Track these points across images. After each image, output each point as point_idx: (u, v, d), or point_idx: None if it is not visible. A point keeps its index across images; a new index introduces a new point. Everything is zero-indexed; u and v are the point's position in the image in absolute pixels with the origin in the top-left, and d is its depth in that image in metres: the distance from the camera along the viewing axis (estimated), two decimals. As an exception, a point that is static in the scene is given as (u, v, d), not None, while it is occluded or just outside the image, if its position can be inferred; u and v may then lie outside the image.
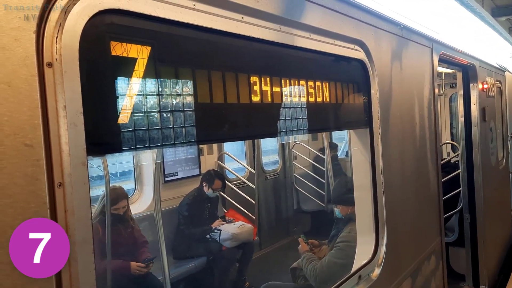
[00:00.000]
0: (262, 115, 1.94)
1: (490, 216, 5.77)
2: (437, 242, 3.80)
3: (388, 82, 2.97)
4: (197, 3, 1.53)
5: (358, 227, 2.95)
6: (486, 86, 5.79)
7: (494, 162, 6.39)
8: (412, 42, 3.46)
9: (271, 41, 1.93)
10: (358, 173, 2.90)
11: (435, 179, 3.83)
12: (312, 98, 2.23)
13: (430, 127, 3.74)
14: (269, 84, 1.92)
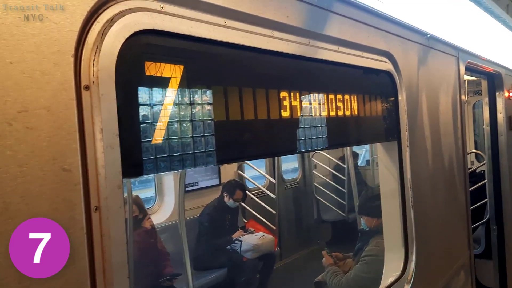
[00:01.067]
0: (294, 130, 1.91)
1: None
2: (466, 256, 3.70)
3: (415, 93, 2.91)
4: (228, 20, 1.51)
5: (386, 241, 2.89)
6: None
7: (521, 172, 6.23)
8: (438, 52, 3.40)
9: (301, 55, 1.90)
10: (386, 187, 2.84)
11: (463, 190, 3.74)
12: (340, 112, 2.19)
13: (457, 136, 3.65)
14: (299, 99, 1.89)
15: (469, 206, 3.87)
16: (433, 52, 3.30)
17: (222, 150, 1.49)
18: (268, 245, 5.36)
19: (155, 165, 1.25)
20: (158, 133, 1.26)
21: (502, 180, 5.30)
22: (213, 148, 1.44)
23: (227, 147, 1.50)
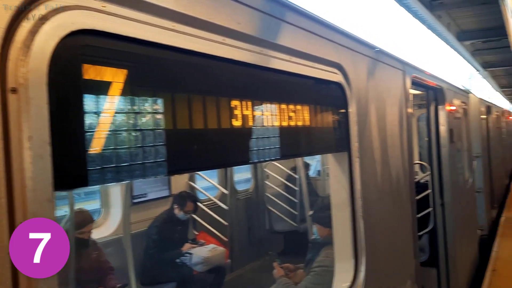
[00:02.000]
0: (245, 140, 1.85)
1: (459, 235, 5.86)
2: (412, 265, 3.78)
3: (364, 105, 2.96)
4: (177, 24, 1.44)
5: (336, 251, 2.88)
6: (453, 107, 5.94)
7: (461, 182, 6.53)
8: (386, 65, 3.49)
9: (253, 63, 1.86)
10: (336, 197, 2.85)
11: (409, 200, 3.84)
12: (292, 122, 2.17)
13: (403, 148, 3.75)
14: (251, 108, 1.84)
15: (415, 216, 3.98)
16: (381, 65, 3.38)
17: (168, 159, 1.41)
18: (219, 257, 5.26)
19: (90, 177, 1.15)
20: (96, 142, 1.16)
21: (445, 190, 5.53)
22: (155, 158, 1.35)
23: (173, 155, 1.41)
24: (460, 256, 5.89)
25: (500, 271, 7.00)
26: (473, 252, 7.47)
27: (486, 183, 10.15)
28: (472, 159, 8.04)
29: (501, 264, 7.37)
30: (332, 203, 2.90)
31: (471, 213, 7.45)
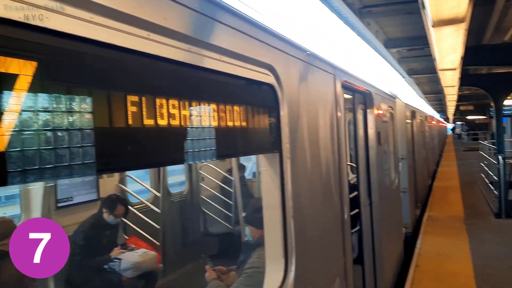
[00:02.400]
0: (171, 140, 1.79)
1: (386, 234, 6.15)
2: (341, 263, 3.89)
3: (296, 107, 2.99)
4: (95, 15, 1.35)
5: (267, 252, 2.89)
6: (381, 111, 6.23)
7: (388, 183, 6.86)
8: (317, 69, 3.56)
9: (180, 61, 1.80)
10: (268, 198, 2.86)
11: (339, 201, 3.95)
12: (223, 122, 2.14)
13: (334, 149, 3.86)
14: (178, 107, 1.78)
15: (344, 215, 4.10)
16: (313, 68, 3.45)
17: (87, 159, 1.32)
18: (150, 262, 5.09)
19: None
20: (7, 140, 1.05)
21: (373, 190, 5.77)
22: (77, 157, 1.26)
23: (93, 155, 1.33)
24: (386, 254, 6.18)
25: (422, 267, 7.45)
26: (399, 249, 7.88)
27: (411, 184, 10.77)
28: (398, 161, 8.48)
29: (423, 260, 7.85)
30: (263, 204, 2.91)
31: (396, 212, 7.85)
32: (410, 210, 10.19)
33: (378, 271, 5.73)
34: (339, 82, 4.11)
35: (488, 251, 8.07)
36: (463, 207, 12.33)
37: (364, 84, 5.36)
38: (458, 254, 7.95)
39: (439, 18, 3.12)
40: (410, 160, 11.11)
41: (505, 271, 7.02)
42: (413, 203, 11.26)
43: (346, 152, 5.03)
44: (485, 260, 7.55)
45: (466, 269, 7.17)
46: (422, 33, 5.14)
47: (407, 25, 6.97)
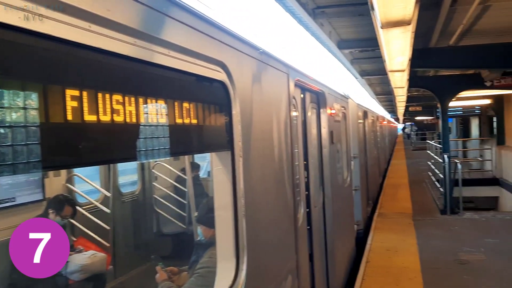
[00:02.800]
0: (114, 137, 1.72)
1: (338, 231, 6.27)
2: (293, 261, 3.92)
3: (249, 105, 2.98)
4: (30, 3, 1.27)
5: (218, 252, 2.86)
6: (333, 111, 6.34)
7: (340, 181, 7.01)
8: (270, 67, 3.56)
9: (126, 55, 1.73)
10: (219, 197, 2.82)
11: (292, 200, 3.97)
12: (171, 119, 2.08)
13: (288, 148, 3.88)
14: (123, 102, 1.71)
15: (297, 213, 4.14)
16: (266, 67, 3.44)
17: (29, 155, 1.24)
18: (99, 264, 4.91)
19: None
20: None
21: (326, 188, 5.87)
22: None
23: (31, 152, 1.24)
24: (338, 250, 6.31)
25: (372, 262, 7.67)
26: (351, 246, 8.07)
27: (363, 182, 11.07)
28: (350, 160, 8.69)
29: (374, 255, 8.09)
30: (215, 203, 2.87)
31: (349, 210, 8.04)
32: (362, 207, 10.48)
33: (330, 268, 5.83)
34: (292, 81, 4.13)
35: (434, 246, 8.44)
36: (411, 204, 12.84)
37: (317, 83, 5.43)
38: (406, 249, 8.26)
39: (387, 19, 3.21)
40: (362, 159, 11.41)
41: (449, 264, 7.37)
42: (365, 201, 11.58)
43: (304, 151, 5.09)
44: (431, 254, 7.89)
45: (413, 263, 7.45)
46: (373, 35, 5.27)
47: (359, 27, 7.14)
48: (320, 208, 5.71)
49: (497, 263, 7.33)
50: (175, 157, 7.67)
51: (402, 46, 4.35)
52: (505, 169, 16.18)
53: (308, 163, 5.09)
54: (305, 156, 5.02)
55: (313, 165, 5.39)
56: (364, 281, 6.76)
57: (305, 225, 4.93)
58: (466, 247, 8.27)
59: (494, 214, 11.51)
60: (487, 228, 9.62)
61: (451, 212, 11.06)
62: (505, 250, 7.96)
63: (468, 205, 16.43)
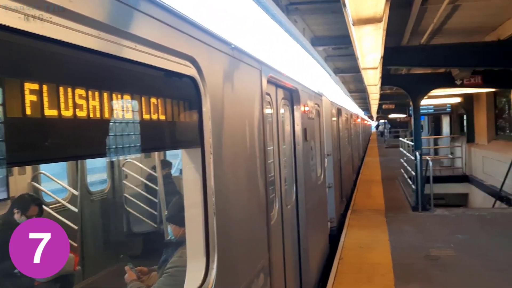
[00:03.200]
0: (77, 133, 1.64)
1: (311, 228, 6.28)
2: (265, 259, 3.89)
3: (220, 101, 2.92)
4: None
5: (188, 250, 2.80)
6: (307, 108, 6.35)
7: (314, 178, 7.03)
8: (243, 63, 3.51)
9: (88, 48, 1.65)
10: (189, 195, 2.77)
11: (264, 197, 3.94)
12: (139, 115, 2.01)
13: (260, 145, 3.84)
14: (86, 97, 1.63)
15: (269, 212, 4.11)
16: (238, 63, 3.39)
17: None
18: (66, 264, 4.76)
19: None
20: None
21: (299, 185, 5.87)
22: None
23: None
24: (312, 248, 6.32)
25: (345, 259, 7.74)
26: (324, 243, 8.12)
27: (336, 179, 11.16)
28: (324, 157, 8.73)
29: (347, 252, 8.16)
30: (185, 201, 2.81)
31: (322, 207, 8.08)
32: (336, 204, 10.56)
33: (303, 265, 5.84)
34: (265, 77, 4.09)
35: (405, 242, 8.58)
36: (384, 201, 13.03)
37: (291, 80, 5.41)
38: (378, 246, 8.36)
39: (358, 16, 3.21)
40: (336, 156, 11.51)
41: (420, 260, 7.50)
42: (339, 198, 11.69)
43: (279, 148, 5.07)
44: (402, 251, 8.02)
45: (385, 259, 7.56)
46: (347, 32, 5.28)
47: (332, 24, 7.16)
48: (293, 205, 5.71)
49: (466, 258, 7.51)
50: (142, 153, 7.55)
51: (374, 43, 4.38)
52: (475, 166, 16.64)
53: (280, 160, 5.07)
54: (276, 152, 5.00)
55: (287, 162, 5.38)
56: (337, 277, 6.81)
57: (280, 223, 4.92)
58: (436, 243, 8.43)
59: (464, 210, 11.80)
60: (457, 225, 9.85)
61: (423, 208, 11.27)
62: (474, 246, 8.16)
63: (439, 202, 16.83)
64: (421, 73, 12.81)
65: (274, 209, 4.77)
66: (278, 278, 4.65)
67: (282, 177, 5.15)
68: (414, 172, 11.92)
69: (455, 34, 8.73)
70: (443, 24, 7.83)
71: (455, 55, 8.50)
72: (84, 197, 6.34)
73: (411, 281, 6.49)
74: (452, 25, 7.95)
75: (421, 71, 12.72)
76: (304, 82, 6.30)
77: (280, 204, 4.95)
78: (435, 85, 12.27)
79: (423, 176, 11.67)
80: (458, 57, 8.52)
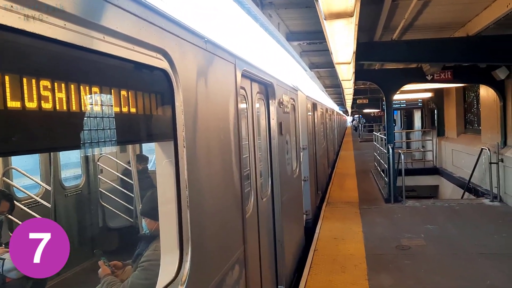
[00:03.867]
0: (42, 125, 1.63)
1: (286, 220, 6.36)
2: (240, 251, 3.93)
3: (193, 95, 2.92)
4: None
5: (162, 244, 2.81)
6: (282, 102, 6.40)
7: (289, 171, 7.10)
8: (216, 57, 3.51)
9: (54, 38, 1.64)
10: (163, 188, 2.77)
11: (239, 190, 3.97)
12: (109, 108, 2.00)
13: (235, 139, 3.86)
14: (52, 89, 1.62)
15: (244, 205, 4.14)
16: (211, 56, 3.39)
17: None
18: (39, 261, 4.69)
19: None
20: None
21: (275, 179, 5.92)
22: None
23: None
24: (287, 239, 6.40)
25: (320, 251, 7.86)
26: (300, 235, 8.22)
27: (312, 172, 11.29)
28: (299, 151, 8.82)
29: (322, 244, 8.29)
30: (159, 194, 2.81)
31: (298, 200, 8.18)
32: (311, 197, 10.69)
33: (279, 257, 5.91)
34: (239, 71, 4.11)
35: (378, 233, 8.78)
36: (358, 193, 13.26)
37: (266, 75, 5.43)
38: (352, 237, 8.53)
39: (330, 11, 3.26)
40: (311, 150, 11.62)
41: (392, 250, 7.69)
42: (314, 191, 11.83)
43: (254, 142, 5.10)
44: (375, 242, 8.20)
45: (359, 250, 7.72)
46: (320, 27, 5.34)
47: (306, 19, 7.22)
48: (269, 198, 5.76)
49: (436, 248, 7.74)
50: (117, 148, 7.49)
51: (347, 38, 4.45)
52: (445, 159, 17.09)
53: (255, 154, 5.11)
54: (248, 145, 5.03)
55: (262, 156, 5.42)
56: (312, 269, 6.92)
57: (255, 216, 4.96)
58: (407, 233, 8.65)
59: (434, 201, 12.12)
60: (427, 215, 10.12)
61: (395, 200, 11.53)
62: (443, 236, 8.42)
63: (411, 194, 17.25)
64: (393, 68, 13.06)
65: (249, 202, 4.80)
66: (254, 270, 4.70)
67: (258, 171, 5.18)
68: (387, 165, 12.16)
69: (426, 30, 8.93)
70: (414, 20, 7.99)
71: (425, 51, 8.70)
72: (57, 192, 6.24)
73: (383, 271, 6.66)
74: (423, 21, 8.12)
75: (394, 66, 12.96)
76: (279, 76, 6.34)
77: (255, 197, 4.99)
78: (407, 80, 12.53)
79: (395, 169, 11.92)
80: (429, 53, 8.72)
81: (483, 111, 12.99)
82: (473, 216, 9.91)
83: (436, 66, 11.16)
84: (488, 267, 6.65)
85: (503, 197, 11.00)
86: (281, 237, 5.96)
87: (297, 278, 6.99)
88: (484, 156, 11.82)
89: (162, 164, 2.70)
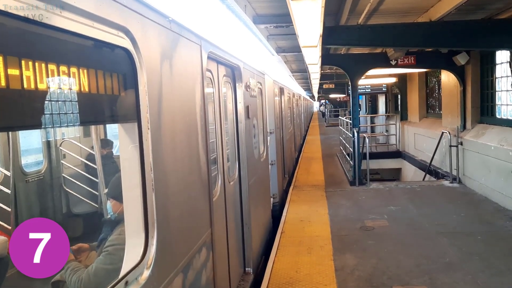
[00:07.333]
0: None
1: (254, 204, 6.39)
2: (207, 234, 3.93)
3: (158, 76, 2.86)
4: None
5: (127, 227, 2.76)
6: (249, 86, 6.37)
7: (257, 155, 7.12)
8: (182, 37, 3.44)
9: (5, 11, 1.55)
10: (127, 171, 2.71)
11: (206, 174, 3.94)
12: (66, 87, 1.93)
13: (201, 122, 3.82)
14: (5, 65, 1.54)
15: (211, 188, 4.13)
16: (176, 36, 3.32)
17: None
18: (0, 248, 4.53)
19: None
20: None
21: (241, 162, 5.92)
22: None
23: None
24: (255, 222, 6.45)
25: (287, 233, 7.97)
26: (267, 218, 8.30)
27: (279, 156, 11.38)
28: (266, 135, 8.85)
29: (289, 226, 8.40)
30: (122, 176, 2.76)
31: (265, 183, 8.23)
32: (278, 181, 10.80)
33: (246, 240, 5.96)
34: (205, 53, 4.05)
35: (343, 215, 8.98)
36: (324, 176, 13.48)
37: (232, 57, 5.38)
38: (318, 220, 8.69)
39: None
40: (278, 134, 11.70)
41: (355, 231, 7.89)
42: (281, 175, 11.95)
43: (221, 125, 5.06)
44: (340, 223, 8.39)
45: (324, 232, 7.87)
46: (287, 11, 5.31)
47: (273, 2, 7.17)
48: (236, 182, 5.77)
49: (398, 228, 7.99)
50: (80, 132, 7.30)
51: (313, 20, 4.46)
52: (407, 143, 17.58)
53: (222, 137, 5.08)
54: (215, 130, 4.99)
55: (229, 139, 5.40)
56: (279, 250, 7.02)
57: (222, 199, 4.96)
58: (371, 214, 8.89)
59: (397, 184, 12.48)
60: (390, 197, 10.42)
61: (359, 183, 11.79)
62: (405, 217, 8.70)
63: (375, 177, 17.72)
64: (359, 53, 13.22)
65: (216, 185, 4.79)
66: (221, 252, 4.71)
67: (225, 154, 5.17)
68: (352, 149, 12.39)
69: (390, 15, 9.05)
70: (379, 4, 8.08)
71: (389, 35, 8.84)
72: (18, 178, 6.02)
73: (348, 251, 6.83)
74: (387, 5, 8.23)
75: (359, 51, 13.12)
76: (246, 59, 6.30)
77: (222, 180, 4.98)
78: (372, 65, 12.73)
79: (360, 153, 12.17)
80: (393, 37, 8.86)
81: (444, 96, 13.40)
82: (434, 197, 10.28)
83: (400, 51, 11.37)
84: (447, 245, 6.94)
85: (462, 179, 11.45)
86: (249, 220, 6.00)
87: (265, 260, 7.08)
88: (445, 140, 12.23)
89: (126, 146, 2.63)
